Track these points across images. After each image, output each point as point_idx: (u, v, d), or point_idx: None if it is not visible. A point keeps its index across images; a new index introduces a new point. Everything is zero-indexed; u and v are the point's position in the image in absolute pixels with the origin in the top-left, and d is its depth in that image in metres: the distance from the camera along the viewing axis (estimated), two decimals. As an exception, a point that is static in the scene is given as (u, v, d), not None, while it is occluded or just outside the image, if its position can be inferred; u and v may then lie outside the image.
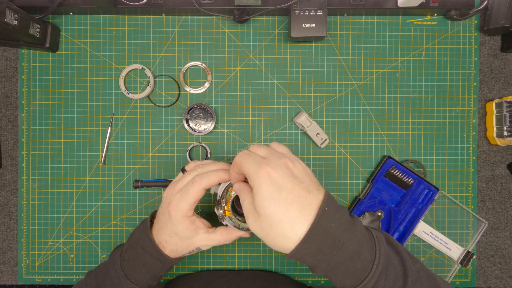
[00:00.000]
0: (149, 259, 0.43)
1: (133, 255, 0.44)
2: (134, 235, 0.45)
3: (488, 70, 0.61)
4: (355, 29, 0.60)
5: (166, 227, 0.42)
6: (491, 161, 0.61)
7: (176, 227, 0.41)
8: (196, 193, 0.40)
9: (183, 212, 0.41)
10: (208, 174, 0.41)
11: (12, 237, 0.61)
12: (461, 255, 0.59)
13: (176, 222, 0.41)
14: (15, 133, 0.60)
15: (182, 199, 0.40)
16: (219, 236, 0.44)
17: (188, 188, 0.40)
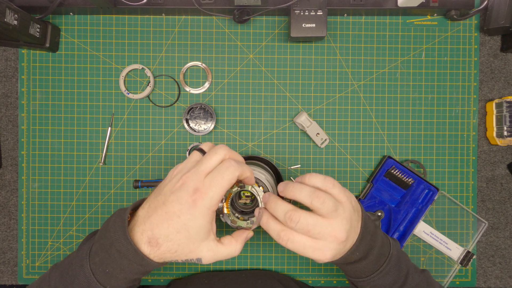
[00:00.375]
0: (127, 263, 0.34)
1: (107, 259, 0.35)
2: (107, 233, 0.35)
3: (488, 70, 0.61)
4: (355, 29, 0.60)
5: (178, 220, 0.33)
6: (491, 161, 0.61)
7: (194, 221, 0.33)
8: (232, 180, 0.34)
9: (213, 202, 0.33)
10: (242, 164, 0.36)
11: (12, 237, 0.61)
12: (461, 255, 0.59)
13: (199, 214, 0.33)
14: (15, 133, 0.60)
15: (213, 186, 0.33)
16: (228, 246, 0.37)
17: (222, 173, 0.33)
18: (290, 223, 0.35)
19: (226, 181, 0.34)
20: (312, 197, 0.35)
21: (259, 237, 0.60)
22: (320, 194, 0.35)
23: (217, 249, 0.36)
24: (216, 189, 0.33)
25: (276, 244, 0.60)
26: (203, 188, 0.33)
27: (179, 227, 0.33)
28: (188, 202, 0.33)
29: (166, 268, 0.60)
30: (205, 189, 0.33)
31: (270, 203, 0.37)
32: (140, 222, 0.34)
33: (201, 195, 0.33)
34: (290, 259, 0.60)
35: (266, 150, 0.60)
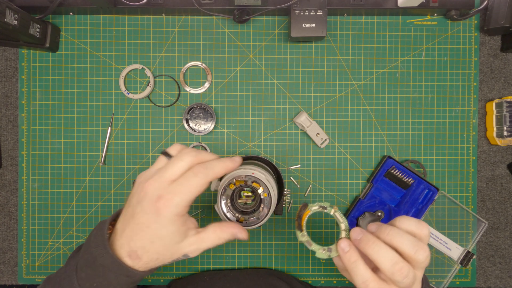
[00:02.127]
0: (113, 276, 0.33)
1: (92, 274, 0.33)
2: (89, 248, 0.34)
3: (488, 70, 0.61)
4: (355, 29, 0.60)
5: (149, 230, 0.32)
6: (491, 161, 0.61)
7: (164, 229, 0.32)
8: (201, 187, 0.32)
9: (178, 209, 0.32)
10: (213, 163, 0.34)
11: (12, 237, 0.61)
12: (461, 255, 0.59)
13: (167, 222, 0.31)
14: (15, 133, 0.60)
15: (180, 193, 0.32)
16: (211, 234, 0.35)
17: (189, 179, 0.32)
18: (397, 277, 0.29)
19: (194, 187, 0.32)
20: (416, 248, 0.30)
21: (259, 237, 0.60)
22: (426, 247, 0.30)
23: (200, 241, 0.34)
24: (182, 195, 0.32)
25: (276, 244, 0.60)
26: (167, 195, 0.31)
27: (151, 237, 0.32)
28: (153, 211, 0.31)
29: (166, 268, 0.60)
30: (169, 196, 0.31)
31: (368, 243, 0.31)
32: (118, 236, 0.33)
33: (165, 203, 0.31)
34: (290, 259, 0.60)
35: (266, 150, 0.60)
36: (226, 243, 0.60)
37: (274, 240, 0.60)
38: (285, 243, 0.60)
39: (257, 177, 0.44)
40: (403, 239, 0.30)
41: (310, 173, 0.60)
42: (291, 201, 0.60)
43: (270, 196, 0.44)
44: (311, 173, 0.60)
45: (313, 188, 0.60)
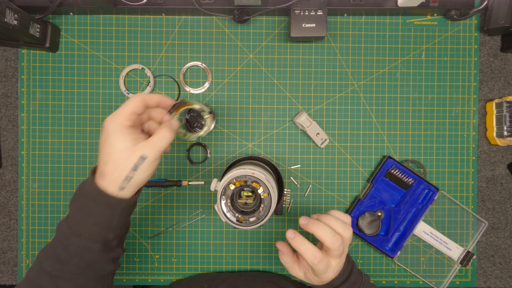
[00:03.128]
0: (93, 205, 0.37)
1: (77, 208, 0.38)
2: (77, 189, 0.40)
3: (488, 70, 0.61)
4: (355, 29, 0.60)
5: (104, 147, 0.38)
6: (491, 161, 0.61)
7: (112, 137, 0.37)
8: (135, 103, 0.39)
9: (119, 119, 0.38)
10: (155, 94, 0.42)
11: (12, 237, 0.61)
12: (461, 255, 0.59)
13: (112, 132, 0.38)
14: (15, 133, 0.60)
15: (119, 110, 0.39)
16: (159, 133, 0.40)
17: (126, 102, 0.40)
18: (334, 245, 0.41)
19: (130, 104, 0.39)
20: (344, 228, 0.42)
21: (259, 237, 0.60)
22: (350, 229, 0.43)
23: (152, 142, 0.39)
24: (120, 110, 0.38)
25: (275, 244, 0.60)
26: (111, 115, 0.39)
27: (108, 150, 0.38)
28: (103, 132, 0.38)
29: (166, 268, 0.60)
30: (111, 115, 0.39)
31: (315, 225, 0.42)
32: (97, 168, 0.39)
33: (109, 118, 0.38)
34: (290, 259, 0.60)
35: (266, 150, 0.60)
36: (226, 242, 0.60)
37: (274, 240, 0.60)
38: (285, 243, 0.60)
39: (257, 177, 0.44)
40: (336, 222, 0.42)
41: (310, 173, 0.60)
42: (291, 201, 0.60)
43: (270, 196, 0.44)
44: (311, 173, 0.60)
45: (313, 188, 0.60)
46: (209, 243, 0.60)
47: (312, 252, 0.41)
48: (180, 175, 0.60)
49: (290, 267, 0.46)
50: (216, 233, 0.60)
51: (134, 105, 0.39)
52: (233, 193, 0.45)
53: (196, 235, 0.60)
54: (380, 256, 0.60)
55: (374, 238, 0.59)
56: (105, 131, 0.38)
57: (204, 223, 0.60)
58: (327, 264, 0.42)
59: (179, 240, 0.60)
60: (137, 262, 0.60)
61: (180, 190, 0.60)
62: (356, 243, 0.61)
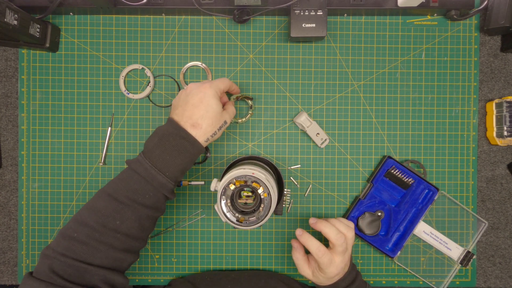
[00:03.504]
0: (186, 144, 0.44)
1: (164, 147, 0.44)
2: (158, 133, 0.45)
3: (488, 70, 0.61)
4: (355, 29, 0.60)
5: (202, 104, 0.45)
6: (491, 161, 0.61)
7: (212, 101, 0.46)
8: (227, 83, 0.49)
9: (217, 89, 0.47)
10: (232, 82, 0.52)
11: (12, 237, 0.61)
12: (461, 255, 0.59)
13: (212, 97, 0.46)
14: (15, 133, 0.60)
15: (216, 81, 0.48)
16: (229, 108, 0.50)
17: (217, 79, 0.49)
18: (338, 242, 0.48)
19: (223, 81, 0.49)
20: (347, 230, 0.49)
21: (259, 237, 0.60)
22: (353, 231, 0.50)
23: (229, 112, 0.49)
24: (217, 82, 0.48)
25: (276, 244, 0.60)
26: (208, 83, 0.47)
27: (206, 107, 0.45)
28: (201, 91, 0.46)
29: (166, 268, 0.60)
30: (209, 83, 0.47)
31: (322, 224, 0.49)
32: (179, 119, 0.46)
33: (208, 85, 0.46)
34: (290, 259, 0.60)
35: (266, 150, 0.60)
36: (226, 242, 0.60)
37: (274, 240, 0.60)
38: (285, 243, 0.60)
39: (257, 177, 0.44)
40: (340, 224, 0.49)
41: (310, 173, 0.60)
42: (291, 201, 0.60)
43: (270, 196, 0.44)
44: (311, 173, 0.60)
45: (313, 188, 0.60)
46: (209, 243, 0.60)
47: (317, 246, 0.47)
48: (180, 175, 0.60)
49: (300, 263, 0.51)
50: (216, 233, 0.60)
51: (227, 85, 0.49)
52: (233, 193, 0.45)
53: (196, 235, 0.60)
54: (380, 256, 0.60)
55: (374, 238, 0.59)
56: (202, 94, 0.46)
57: (204, 223, 0.60)
58: (331, 258, 0.47)
59: (179, 240, 0.60)
60: (137, 262, 0.60)
61: (180, 190, 0.60)
62: (356, 243, 0.61)
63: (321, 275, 0.49)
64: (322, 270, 0.48)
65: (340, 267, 0.48)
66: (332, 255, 0.48)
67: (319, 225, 0.49)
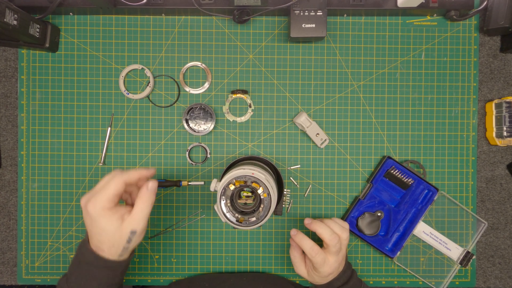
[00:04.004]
0: (96, 271, 0.42)
1: (79, 274, 0.42)
2: (75, 257, 0.44)
3: (487, 70, 0.61)
4: (355, 30, 0.60)
5: (93, 228, 0.41)
6: (491, 161, 0.61)
7: (99, 222, 0.40)
8: (116, 185, 0.40)
9: (101, 204, 0.40)
10: (129, 171, 0.42)
11: (12, 238, 0.61)
12: (461, 255, 0.59)
13: (97, 216, 0.40)
14: (14, 133, 0.60)
15: (100, 193, 0.40)
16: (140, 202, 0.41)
17: (107, 182, 0.41)
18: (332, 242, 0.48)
19: (111, 186, 0.40)
20: (342, 230, 0.50)
21: (259, 237, 0.60)
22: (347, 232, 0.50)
23: (135, 213, 0.41)
24: (102, 194, 0.40)
25: (276, 244, 0.60)
26: (92, 198, 0.40)
27: (98, 231, 0.41)
28: (87, 215, 0.41)
29: (166, 269, 0.60)
30: (94, 198, 0.40)
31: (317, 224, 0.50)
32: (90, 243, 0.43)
33: (91, 204, 0.40)
34: (290, 259, 0.60)
35: (266, 151, 0.60)
36: (226, 243, 0.60)
37: (274, 240, 0.60)
38: (285, 244, 0.60)
39: (256, 177, 0.44)
40: (335, 224, 0.50)
41: (310, 173, 0.60)
42: (291, 201, 0.60)
43: (270, 197, 0.44)
44: (310, 173, 0.60)
45: (312, 188, 0.60)
46: (208, 243, 0.60)
47: (310, 245, 0.48)
48: (179, 175, 0.60)
49: (297, 262, 0.52)
50: (215, 234, 0.60)
51: (115, 188, 0.40)
52: (233, 193, 0.45)
53: (196, 235, 0.60)
54: (379, 256, 0.61)
55: (374, 238, 0.59)
56: (89, 216, 0.40)
57: (204, 223, 0.60)
58: (324, 258, 0.48)
59: (178, 240, 0.60)
60: (137, 263, 0.60)
61: (179, 191, 0.60)
62: (355, 243, 0.61)
63: (316, 274, 0.50)
64: (316, 269, 0.49)
65: (334, 266, 0.49)
66: (326, 254, 0.49)
67: (314, 225, 0.49)
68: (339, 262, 0.50)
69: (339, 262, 0.50)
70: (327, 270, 0.49)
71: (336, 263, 0.49)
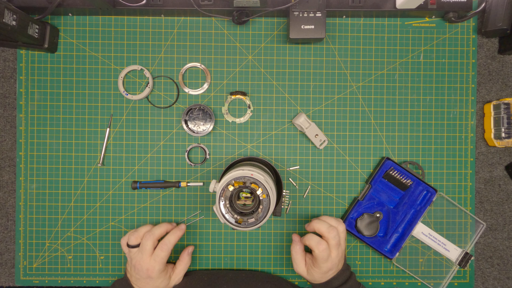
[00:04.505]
0: None
1: None
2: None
3: (485, 72, 0.61)
4: (354, 31, 0.60)
5: (148, 285, 0.52)
6: (489, 162, 0.62)
7: (156, 281, 0.52)
8: (167, 255, 0.51)
9: (160, 268, 0.51)
10: (169, 237, 0.52)
11: (10, 239, 0.60)
12: (459, 256, 0.59)
13: (156, 278, 0.51)
14: (13, 134, 0.60)
15: (157, 263, 0.51)
16: (183, 264, 0.55)
17: (158, 253, 0.51)
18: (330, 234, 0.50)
19: (163, 256, 0.51)
20: (338, 223, 0.51)
21: (258, 238, 0.60)
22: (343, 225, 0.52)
23: (179, 275, 0.55)
24: (158, 263, 0.51)
25: (275, 245, 0.60)
26: (151, 267, 0.51)
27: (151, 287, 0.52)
28: (146, 276, 0.51)
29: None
30: (152, 266, 0.51)
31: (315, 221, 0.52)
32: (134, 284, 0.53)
33: (151, 270, 0.51)
34: (289, 261, 0.60)
35: (265, 151, 0.60)
36: (225, 244, 0.60)
37: (273, 241, 0.60)
38: (284, 244, 0.60)
39: (256, 178, 0.44)
40: (331, 218, 0.52)
41: (309, 174, 0.60)
42: (290, 202, 0.60)
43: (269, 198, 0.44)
44: (309, 174, 0.60)
45: (311, 189, 0.60)
46: (207, 244, 0.60)
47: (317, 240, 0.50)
48: (178, 176, 0.60)
49: (298, 258, 0.52)
50: (214, 234, 0.60)
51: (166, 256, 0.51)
52: (232, 194, 0.45)
53: (195, 236, 0.60)
54: (378, 257, 0.61)
55: (373, 239, 0.59)
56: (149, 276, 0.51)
57: (203, 224, 0.60)
58: (329, 253, 0.49)
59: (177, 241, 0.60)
60: (135, 264, 0.60)
61: (178, 191, 0.60)
62: (354, 244, 0.61)
63: (316, 270, 0.50)
64: (317, 265, 0.50)
65: (334, 262, 0.50)
66: (329, 249, 0.50)
67: (311, 224, 0.52)
68: (339, 258, 0.50)
69: (339, 258, 0.50)
70: (328, 265, 0.49)
71: (336, 258, 0.50)
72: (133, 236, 0.52)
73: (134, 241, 0.52)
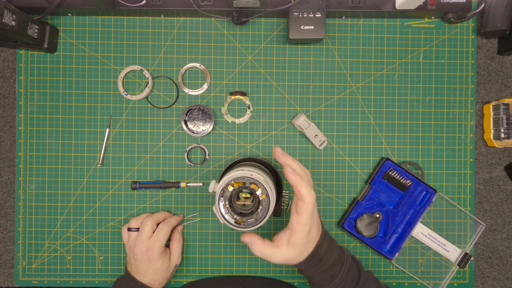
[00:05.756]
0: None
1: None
2: None
3: (485, 72, 0.61)
4: (353, 31, 0.60)
5: (149, 269, 0.52)
6: (489, 163, 0.62)
7: (157, 264, 0.52)
8: (167, 234, 0.54)
9: (159, 250, 0.52)
10: (169, 219, 0.56)
11: (9, 239, 0.60)
12: (459, 256, 0.59)
13: (156, 260, 0.52)
14: (12, 134, 0.60)
15: (156, 241, 0.52)
16: (176, 242, 0.56)
17: (159, 233, 0.53)
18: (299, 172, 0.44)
19: (163, 235, 0.53)
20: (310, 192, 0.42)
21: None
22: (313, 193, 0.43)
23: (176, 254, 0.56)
24: (158, 243, 0.53)
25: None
26: (151, 247, 0.52)
27: (154, 271, 0.53)
28: (146, 259, 0.52)
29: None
30: (151, 247, 0.52)
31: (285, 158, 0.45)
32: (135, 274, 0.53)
33: (151, 252, 0.52)
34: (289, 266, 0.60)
35: (265, 152, 0.60)
36: (225, 244, 0.60)
37: (272, 241, 0.60)
38: (283, 245, 0.60)
39: (255, 178, 0.44)
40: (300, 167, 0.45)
41: (309, 175, 0.60)
42: (290, 202, 0.60)
43: (269, 198, 0.44)
44: (309, 174, 0.60)
45: (311, 189, 0.60)
46: (207, 244, 0.60)
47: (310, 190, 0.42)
48: (178, 176, 0.60)
49: (268, 253, 0.44)
50: (214, 235, 0.60)
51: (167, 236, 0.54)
52: (231, 194, 0.45)
53: (194, 236, 0.60)
54: (378, 257, 0.61)
55: (372, 240, 0.59)
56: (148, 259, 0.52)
57: (202, 224, 0.60)
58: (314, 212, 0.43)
59: (177, 241, 0.60)
60: (135, 264, 0.60)
61: (178, 192, 0.60)
62: (354, 244, 0.61)
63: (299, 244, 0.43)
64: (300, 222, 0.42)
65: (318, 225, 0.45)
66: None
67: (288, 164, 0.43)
68: (317, 219, 0.45)
69: (317, 219, 0.45)
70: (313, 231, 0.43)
71: (318, 220, 0.45)
72: (134, 220, 0.55)
73: (135, 224, 0.55)
